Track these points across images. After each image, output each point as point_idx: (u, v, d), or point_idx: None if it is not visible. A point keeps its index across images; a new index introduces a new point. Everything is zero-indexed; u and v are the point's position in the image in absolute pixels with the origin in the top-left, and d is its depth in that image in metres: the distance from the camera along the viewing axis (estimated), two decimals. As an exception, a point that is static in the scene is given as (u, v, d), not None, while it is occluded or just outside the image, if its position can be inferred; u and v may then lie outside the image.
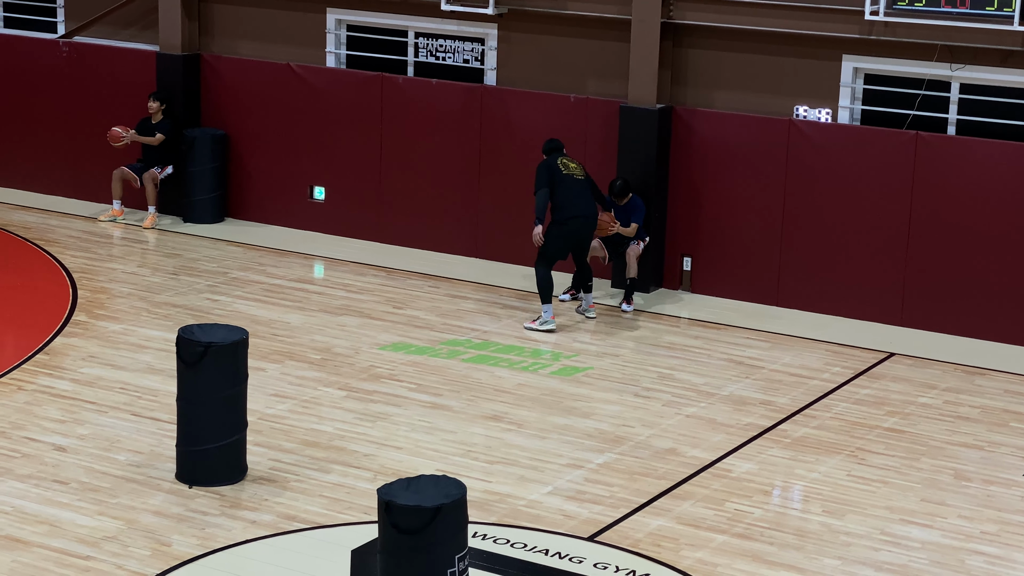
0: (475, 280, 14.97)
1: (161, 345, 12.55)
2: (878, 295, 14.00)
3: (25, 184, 17.76)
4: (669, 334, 13.61)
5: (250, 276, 14.83)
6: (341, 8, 16.28)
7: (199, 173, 16.53)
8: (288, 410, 11.32)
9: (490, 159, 15.49)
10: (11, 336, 12.92)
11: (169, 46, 16.78)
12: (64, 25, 17.82)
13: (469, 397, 11.77)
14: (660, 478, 10.37)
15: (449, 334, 13.32)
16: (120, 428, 10.78)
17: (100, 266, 14.96)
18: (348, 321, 13.54)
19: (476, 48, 15.77)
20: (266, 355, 12.44)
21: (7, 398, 11.27)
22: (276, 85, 16.40)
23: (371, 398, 11.65)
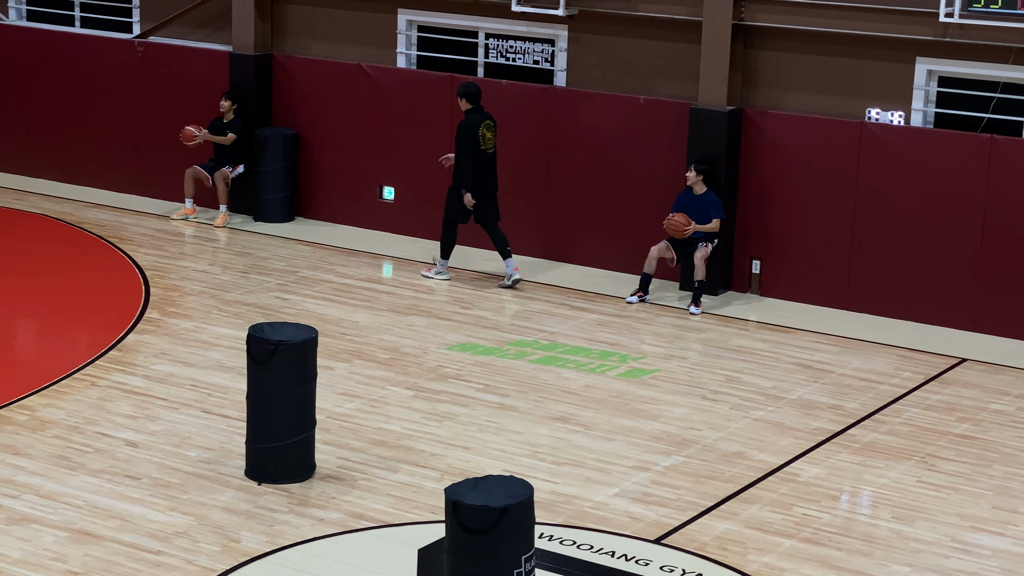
0: (543, 281, 14.98)
1: (231, 343, 12.65)
2: (950, 299, 13.86)
3: (100, 182, 17.96)
4: (737, 337, 13.55)
5: (319, 275, 14.93)
6: (412, 9, 16.34)
7: (270, 172, 16.66)
8: (356, 409, 11.38)
9: (558, 160, 15.49)
10: (85, 333, 13.07)
11: (242, 46, 16.92)
12: (139, 25, 18.02)
13: (536, 398, 11.78)
14: (727, 481, 10.33)
15: (517, 335, 13.33)
16: (191, 424, 10.89)
17: (172, 264, 15.11)
18: (416, 321, 13.59)
19: (546, 49, 15.78)
20: (335, 354, 12.51)
21: (81, 394, 11.42)
22: (347, 85, 16.49)
23: (438, 398, 11.68)
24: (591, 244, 15.42)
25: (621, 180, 15.18)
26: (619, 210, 15.22)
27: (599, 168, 15.30)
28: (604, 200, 15.30)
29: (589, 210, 15.38)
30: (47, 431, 10.63)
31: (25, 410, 11.02)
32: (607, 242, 15.33)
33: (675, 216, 14.14)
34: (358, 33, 16.67)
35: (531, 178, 15.64)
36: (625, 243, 15.17)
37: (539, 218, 15.66)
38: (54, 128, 18.22)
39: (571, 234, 15.52)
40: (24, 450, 10.28)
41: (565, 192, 15.49)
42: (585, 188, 15.37)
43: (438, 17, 16.24)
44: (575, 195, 15.44)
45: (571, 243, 15.53)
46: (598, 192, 15.33)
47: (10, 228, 16.33)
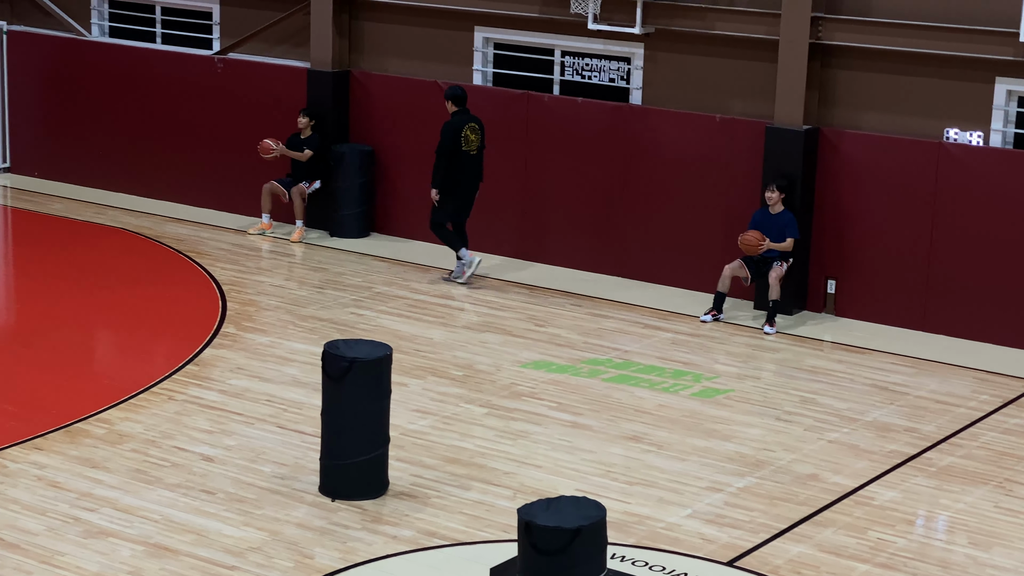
0: (617, 299, 14.96)
1: (306, 358, 12.74)
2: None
3: (178, 197, 18.16)
4: (812, 357, 13.46)
5: (394, 291, 14.99)
6: (489, 27, 16.40)
7: (346, 188, 16.77)
8: (430, 426, 11.41)
9: (634, 178, 15.47)
10: (163, 347, 13.22)
11: (320, 63, 17.05)
12: (219, 42, 18.21)
13: (609, 417, 11.76)
14: (801, 504, 10.25)
15: (590, 353, 13.32)
16: (266, 440, 10.97)
17: (249, 279, 15.24)
18: (490, 338, 13.62)
19: (622, 67, 15.77)
20: (409, 370, 12.56)
21: (158, 408, 11.54)
22: (423, 102, 16.56)
23: (512, 416, 11.69)
24: (665, 263, 15.38)
25: (696, 199, 15.13)
26: (693, 229, 15.17)
27: (674, 186, 15.26)
28: (678, 219, 15.26)
29: (663, 229, 15.34)
30: (125, 445, 10.76)
31: (103, 423, 11.16)
32: (681, 261, 15.28)
33: (749, 233, 14.08)
34: (435, 50, 16.75)
35: (605, 196, 15.63)
36: (699, 262, 15.11)
37: (613, 236, 15.64)
38: (134, 143, 18.45)
39: (645, 252, 15.48)
40: (102, 463, 10.40)
41: (639, 210, 15.47)
42: (659, 206, 15.34)
43: (514, 35, 16.29)
44: (649, 213, 15.40)
45: (645, 261, 15.50)
46: (672, 210, 15.29)
47: (90, 242, 16.55)
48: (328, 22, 16.93)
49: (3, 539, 9.19)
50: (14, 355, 12.82)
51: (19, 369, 12.45)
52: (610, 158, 15.56)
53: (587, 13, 15.23)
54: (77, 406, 11.46)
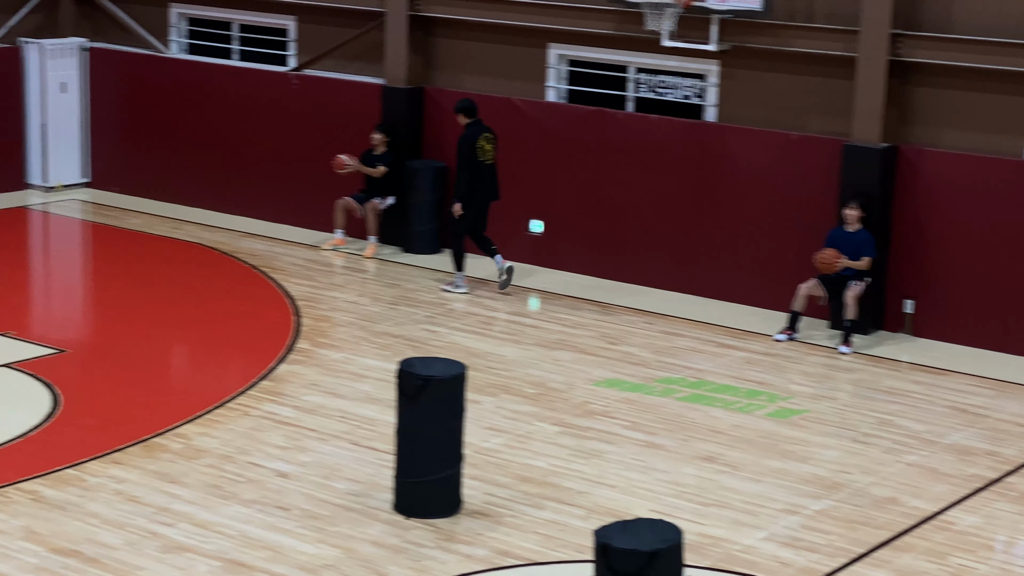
0: (691, 317, 14.88)
1: (380, 375, 12.76)
2: (1112, 344, 13.46)
3: (254, 212, 18.28)
4: (889, 378, 13.31)
5: (467, 308, 15.00)
6: (563, 43, 16.39)
7: (419, 204, 16.81)
8: (503, 444, 11.39)
9: (708, 196, 15.39)
10: (237, 362, 13.30)
11: (394, 79, 17.12)
12: (296, 58, 18.34)
13: (683, 437, 11.68)
14: (879, 528, 10.13)
15: (664, 371, 13.25)
16: (340, 456, 10.99)
17: (322, 294, 15.30)
18: (563, 356, 13.58)
19: (697, 84, 15.71)
20: (481, 388, 12.55)
21: (233, 423, 11.60)
22: (497, 118, 16.55)
23: (585, 435, 11.65)
24: (739, 281, 15.28)
25: (771, 216, 15.03)
26: (768, 247, 15.07)
27: (748, 204, 15.17)
28: (753, 236, 15.16)
29: (738, 246, 15.25)
30: (201, 460, 10.82)
31: (180, 438, 11.24)
32: (755, 279, 15.17)
33: (826, 251, 13.96)
34: (509, 67, 16.77)
35: (679, 214, 15.56)
36: (774, 280, 15.00)
37: (687, 254, 15.56)
38: (210, 159, 18.61)
39: (719, 270, 15.39)
40: (179, 478, 10.47)
41: (713, 228, 15.38)
42: (734, 224, 15.25)
43: (589, 52, 16.27)
44: (724, 231, 15.31)
45: (719, 279, 15.41)
46: (747, 228, 15.20)
47: (168, 256, 16.70)
48: (403, 39, 16.99)
49: (83, 553, 9.27)
50: (94, 370, 12.95)
51: (98, 383, 12.57)
52: (684, 176, 15.49)
53: (662, 30, 15.19)
54: (155, 421, 11.55)
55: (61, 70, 19.20)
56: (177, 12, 19.28)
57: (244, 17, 18.75)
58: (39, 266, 17.02)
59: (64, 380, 12.42)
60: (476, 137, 15.17)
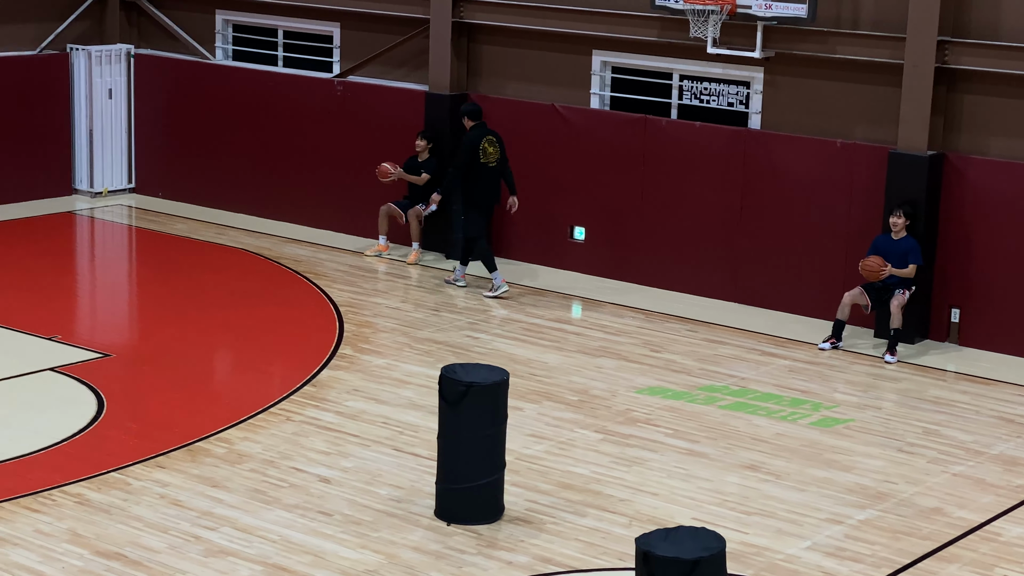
0: (734, 325, 14.82)
1: (423, 381, 12.78)
2: None
3: (297, 218, 18.34)
4: (935, 388, 13.21)
5: (510, 314, 15.00)
6: (607, 50, 16.37)
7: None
8: (545, 451, 11.37)
9: (752, 203, 15.33)
10: (281, 367, 13.34)
11: (438, 86, 17.14)
12: (339, 65, 18.39)
13: (726, 445, 11.64)
14: (924, 539, 10.05)
15: (706, 379, 13.20)
16: (382, 462, 11.01)
17: (365, 300, 15.34)
18: (605, 363, 13.56)
19: (741, 91, 15.65)
20: (524, 395, 12.54)
21: (276, 428, 11.64)
22: (540, 125, 16.58)
23: (627, 442, 11.62)
24: (783, 288, 15.21)
25: (815, 224, 14.96)
26: (812, 254, 14.99)
27: (793, 212, 15.10)
28: (797, 244, 15.09)
29: (782, 254, 15.18)
30: (244, 464, 10.86)
31: (223, 443, 11.28)
32: (799, 287, 15.10)
33: (871, 258, 13.88)
34: (552, 74, 16.76)
35: (723, 221, 15.51)
36: (818, 288, 14.92)
37: (730, 261, 15.51)
38: (254, 164, 18.69)
39: (763, 278, 15.33)
40: (222, 483, 10.51)
41: (758, 235, 15.32)
42: (778, 232, 15.18)
43: (632, 59, 16.24)
44: (768, 238, 15.25)
45: (763, 287, 15.34)
46: (791, 236, 15.13)
47: (211, 262, 16.78)
48: (447, 46, 17.02)
49: (127, 556, 9.32)
50: (139, 374, 13.02)
51: (142, 388, 12.64)
52: (728, 183, 15.44)
53: (706, 37, 15.15)
54: (198, 425, 11.61)
55: (108, 76, 19.34)
56: (223, 19, 19.37)
57: (289, 24, 18.83)
58: (85, 271, 17.14)
59: (109, 384, 12.50)
60: (480, 139, 15.47)
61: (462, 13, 16.98)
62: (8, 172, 18.82)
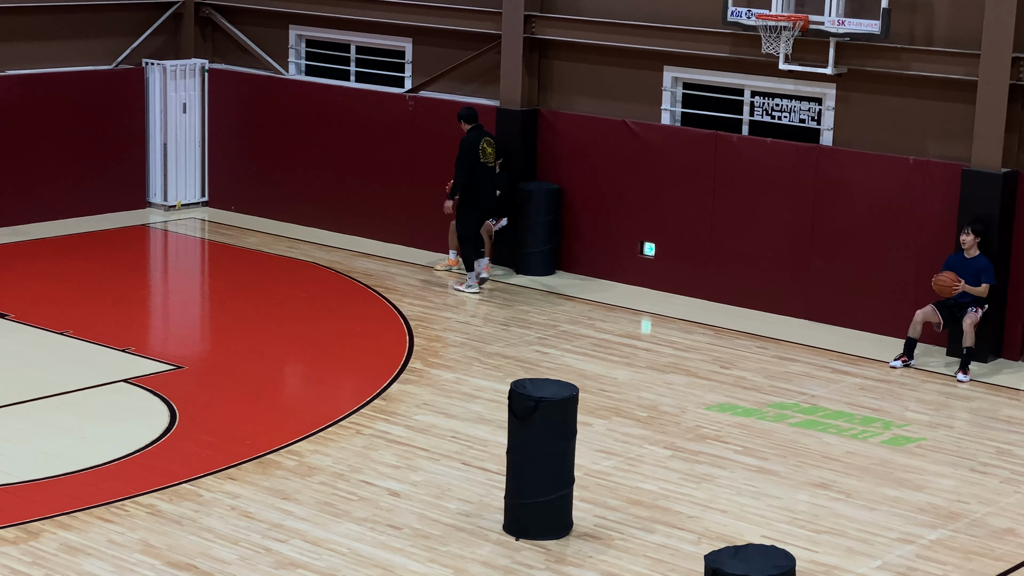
0: (804, 342, 14.75)
1: (492, 395, 12.82)
2: None
3: (368, 232, 18.46)
4: (1008, 407, 13.08)
5: (579, 330, 15.02)
6: (678, 66, 16.36)
7: (533, 226, 16.86)
8: (614, 467, 11.38)
9: (823, 220, 15.26)
10: (351, 381, 13.43)
11: (509, 101, 17.21)
12: (411, 80, 18.51)
13: (796, 463, 11.59)
14: (997, 559, 9.95)
15: (777, 396, 13.15)
16: (451, 476, 11.06)
17: (435, 315, 15.41)
18: (675, 379, 13.54)
19: (813, 108, 15.60)
20: (593, 410, 12.55)
21: (347, 441, 11.72)
22: (611, 140, 16.60)
23: (696, 459, 11.60)
24: (854, 306, 15.12)
25: (887, 242, 14.87)
26: (884, 272, 14.89)
27: (864, 229, 15.01)
28: (869, 261, 15.00)
29: (853, 271, 15.10)
30: (314, 477, 10.95)
31: (294, 455, 11.38)
32: (871, 304, 15.01)
33: (943, 274, 13.78)
34: (623, 89, 16.78)
35: (795, 237, 15.44)
36: (889, 306, 14.83)
37: (801, 278, 15.44)
38: (326, 179, 18.84)
39: (834, 295, 15.25)
40: (293, 495, 10.60)
41: (829, 252, 15.24)
42: (850, 249, 15.10)
43: (704, 75, 16.22)
44: (839, 256, 15.17)
45: (834, 304, 15.26)
46: (863, 253, 15.04)
47: (283, 275, 16.93)
48: (518, 61, 17.09)
49: (198, 567, 9.42)
50: (211, 386, 13.16)
51: (215, 400, 12.77)
52: (799, 199, 15.38)
53: (778, 53, 15.11)
54: (269, 438, 11.72)
55: (182, 91, 19.58)
56: (296, 34, 19.56)
57: (361, 39, 18.98)
58: (159, 283, 17.34)
59: (181, 396, 12.65)
60: (479, 141, 16.07)
61: (534, 29, 17.04)
62: (84, 185, 19.10)
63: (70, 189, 18.98)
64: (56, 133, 18.79)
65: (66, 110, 18.84)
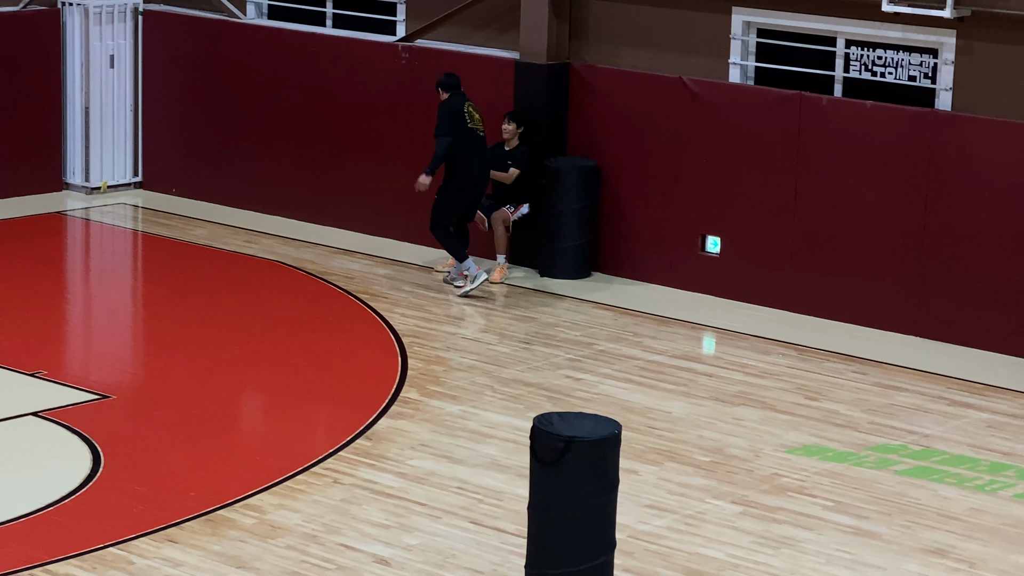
0: (915, 366, 14.78)
1: (508, 434, 12.86)
2: None
3: (349, 223, 18.50)
4: None
5: (622, 349, 15.05)
6: (751, 7, 16.39)
7: (562, 215, 16.90)
8: (667, 527, 11.40)
9: (940, 207, 15.27)
10: (326, 415, 13.47)
11: (531, 53, 17.25)
12: (405, 26, 18.55)
13: (904, 522, 11.61)
14: None
15: (878, 436, 13.18)
16: (456, 539, 11.09)
17: (435, 329, 15.45)
18: (746, 413, 13.58)
19: (926, 61, 15.62)
20: (640, 453, 12.59)
21: (320, 493, 11.76)
22: (664, 104, 16.63)
23: (774, 516, 11.63)
24: (981, 319, 15.14)
25: (1023, 236, 14.88)
26: (1020, 276, 14.90)
27: (994, 219, 15.03)
28: (1000, 263, 15.01)
29: (980, 274, 15.11)
30: (279, 539, 10.98)
31: (253, 511, 11.42)
32: (1001, 318, 15.03)
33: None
34: (680, 38, 16.81)
35: (901, 230, 15.46)
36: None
37: (910, 282, 15.45)
38: (295, 153, 18.89)
39: (953, 304, 15.27)
40: (251, 563, 10.64)
41: (948, 250, 15.27)
42: (975, 245, 15.11)
43: (784, 18, 16.26)
44: (961, 254, 15.19)
45: (953, 316, 15.28)
46: (992, 251, 15.05)
47: (239, 279, 16.99)
48: (544, 1, 17.11)
49: (127, 655, 9.47)
50: (145, 421, 13.21)
51: (151, 439, 12.81)
52: (908, 180, 15.40)
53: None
54: (220, 488, 11.75)
55: (109, 39, 19.67)
56: (256, -34, 19.68)
57: (341, -27, 19.08)
58: (78, 288, 17.41)
59: (107, 434, 12.68)
60: (462, 104, 16.47)
61: (563, -41, 17.14)
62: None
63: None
64: (-54, 94, 18.90)
65: (-41, 64, 18.95)
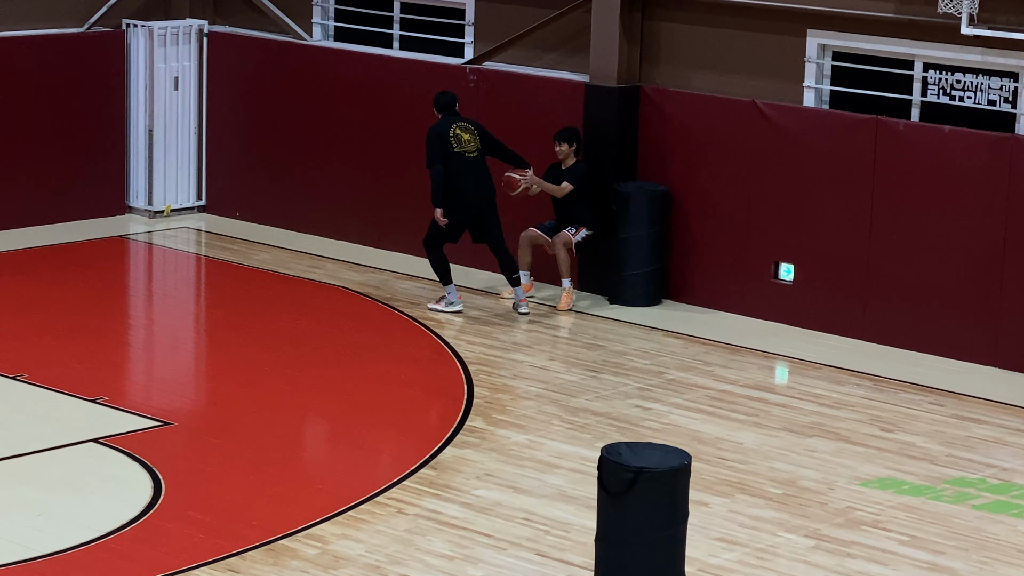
0: (995, 398, 14.68)
1: (576, 464, 12.84)
2: None
3: (415, 248, 18.46)
4: None
5: (692, 378, 15.02)
6: (827, 30, 16.35)
7: (631, 240, 16.88)
8: (737, 560, 11.37)
9: (1020, 236, 15.17)
10: (390, 444, 13.49)
11: (602, 76, 17.25)
12: (473, 48, 18.59)
13: (981, 558, 11.53)
14: None
15: (956, 470, 13.10)
16: (521, 571, 11.07)
17: (502, 357, 15.46)
18: (820, 445, 13.52)
19: (1007, 85, 15.54)
20: (710, 485, 12.55)
21: (384, 523, 11.77)
22: (736, 128, 16.60)
23: (848, 551, 11.57)
24: (1062, 350, 15.05)
25: (1107, 264, 14.79)
26: (1103, 305, 14.81)
27: (1076, 247, 14.94)
28: (1082, 290, 14.92)
29: (1061, 303, 15.02)
30: (341, 570, 10.99)
31: (315, 541, 11.43)
32: (1085, 348, 14.93)
33: None
34: (753, 61, 16.78)
35: (980, 258, 15.37)
36: (1110, 350, 14.76)
37: (989, 312, 15.35)
38: (360, 177, 18.94)
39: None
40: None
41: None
42: (1056, 273, 15.03)
43: (861, 41, 16.20)
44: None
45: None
46: (1074, 279, 14.97)
47: (302, 304, 17.03)
48: (614, 23, 17.14)
49: None
50: (206, 448, 13.26)
51: (212, 467, 12.86)
52: (987, 206, 15.31)
53: (961, 13, 15.08)
54: (283, 518, 11.77)
55: (173, 61, 19.79)
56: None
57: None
58: (140, 313, 17.50)
59: (168, 461, 12.74)
60: (448, 127, 16.61)
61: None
62: (45, 184, 19.30)
63: (26, 190, 19.21)
64: (9, 115, 19.01)
65: (23, 86, 19.08)
